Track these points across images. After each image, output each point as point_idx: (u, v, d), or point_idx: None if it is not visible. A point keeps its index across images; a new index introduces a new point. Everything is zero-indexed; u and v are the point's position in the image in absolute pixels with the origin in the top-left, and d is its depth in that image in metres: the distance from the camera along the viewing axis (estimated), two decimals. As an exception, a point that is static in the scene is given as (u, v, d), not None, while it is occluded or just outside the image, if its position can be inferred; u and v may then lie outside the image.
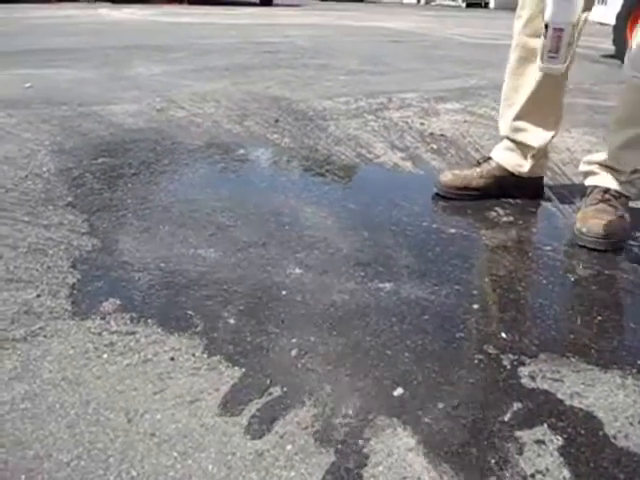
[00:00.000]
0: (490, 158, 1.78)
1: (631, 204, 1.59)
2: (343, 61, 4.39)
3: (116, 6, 10.99)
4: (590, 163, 1.63)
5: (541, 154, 1.73)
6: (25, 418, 0.85)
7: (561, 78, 1.59)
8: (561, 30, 1.32)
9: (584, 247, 1.45)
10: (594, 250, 1.44)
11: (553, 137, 1.71)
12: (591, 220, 1.48)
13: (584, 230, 1.47)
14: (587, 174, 1.64)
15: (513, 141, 1.73)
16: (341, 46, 5.41)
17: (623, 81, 1.58)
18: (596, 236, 1.45)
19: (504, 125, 1.75)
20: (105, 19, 8.08)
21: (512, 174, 1.74)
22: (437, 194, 1.76)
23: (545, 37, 1.33)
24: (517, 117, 1.69)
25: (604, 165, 1.58)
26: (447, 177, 1.76)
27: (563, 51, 1.34)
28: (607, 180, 1.57)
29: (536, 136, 1.68)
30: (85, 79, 3.40)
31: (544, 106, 1.65)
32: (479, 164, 1.79)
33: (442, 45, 5.68)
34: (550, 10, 1.31)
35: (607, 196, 1.55)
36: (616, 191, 1.55)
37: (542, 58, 1.37)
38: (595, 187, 1.59)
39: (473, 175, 1.75)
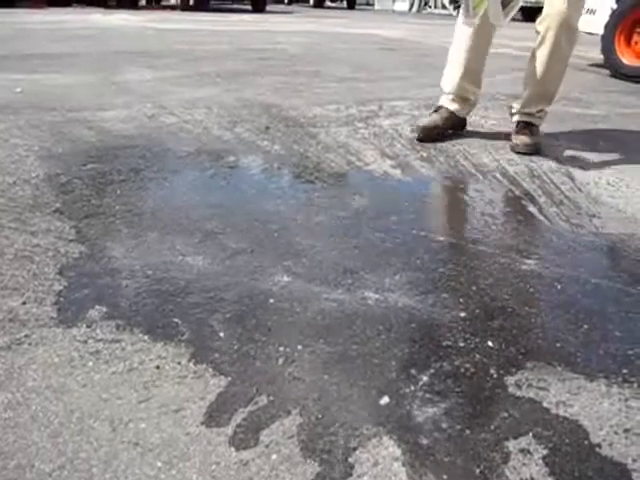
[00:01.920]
0: (442, 107, 2.54)
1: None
2: (334, 68, 4.40)
3: (108, 12, 10.99)
4: (513, 107, 2.47)
5: (474, 102, 2.58)
6: (7, 427, 0.84)
7: (486, 48, 2.45)
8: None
9: (519, 153, 2.30)
10: (524, 154, 2.28)
11: (480, 88, 2.54)
12: (523, 137, 2.34)
13: (518, 143, 2.33)
14: (513, 115, 2.47)
15: (456, 95, 2.50)
16: (332, 53, 5.43)
17: (611, 90, 1.63)
18: (524, 145, 2.31)
19: (447, 84, 2.53)
20: (97, 25, 8.07)
21: (456, 115, 2.53)
22: (419, 139, 2.43)
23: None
24: (460, 78, 2.47)
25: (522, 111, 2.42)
26: (423, 122, 2.50)
27: (471, 9, 2.07)
28: (525, 117, 2.41)
29: (470, 90, 2.51)
30: (76, 85, 3.39)
31: (474, 69, 2.46)
32: (436, 111, 2.55)
33: (433, 53, 5.71)
34: None
35: (527, 125, 2.40)
36: (532, 123, 2.40)
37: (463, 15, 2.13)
38: (519, 122, 2.42)
39: (437, 119, 2.51)
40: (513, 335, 1.12)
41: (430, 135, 2.45)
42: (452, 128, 2.55)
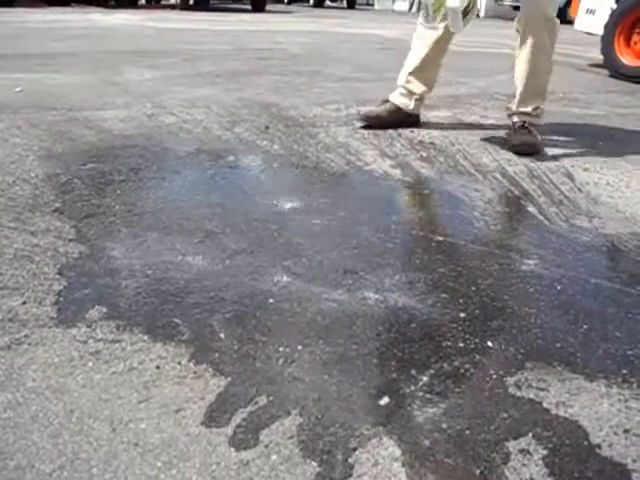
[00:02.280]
0: (388, 100, 2.64)
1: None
2: (334, 68, 4.40)
3: (108, 11, 10.98)
4: (510, 109, 2.50)
5: (421, 99, 2.61)
6: (7, 427, 0.84)
7: (441, 52, 2.54)
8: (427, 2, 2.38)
9: (519, 154, 2.30)
10: (525, 155, 2.29)
11: (430, 89, 2.63)
12: (522, 137, 2.35)
13: (517, 143, 2.34)
14: (511, 116, 2.49)
15: (404, 88, 2.60)
16: (332, 53, 5.43)
17: (610, 90, 1.64)
18: (525, 145, 2.32)
19: (401, 77, 2.62)
20: (97, 24, 8.06)
21: (402, 110, 2.61)
22: (363, 126, 2.58)
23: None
24: (410, 73, 2.58)
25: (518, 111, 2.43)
26: (366, 112, 2.64)
27: (430, 15, 2.38)
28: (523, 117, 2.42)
29: (419, 87, 2.58)
30: (76, 84, 3.39)
31: (427, 69, 2.57)
32: (384, 103, 2.65)
33: (433, 53, 5.70)
34: None
35: (526, 125, 2.40)
36: (530, 122, 2.40)
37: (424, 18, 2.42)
38: (517, 122, 2.42)
39: (381, 110, 2.62)
40: (513, 335, 1.12)
41: (371, 123, 2.60)
42: (400, 122, 2.63)
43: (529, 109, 2.42)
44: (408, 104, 2.61)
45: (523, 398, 0.95)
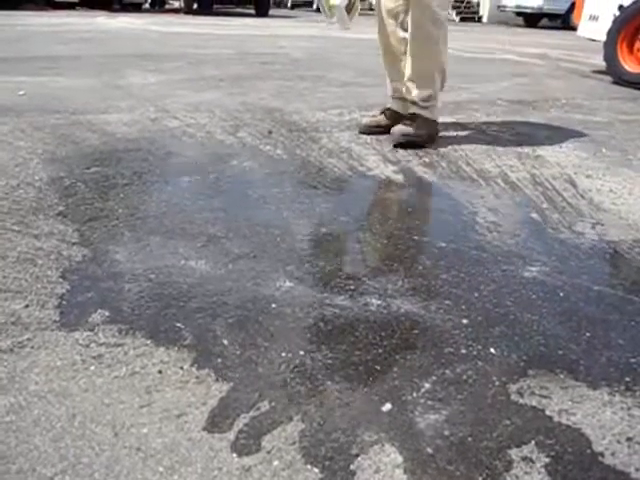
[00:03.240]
0: (389, 108, 2.68)
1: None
2: (337, 73, 4.41)
3: (112, 15, 11.02)
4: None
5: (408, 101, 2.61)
6: (10, 431, 0.84)
7: (391, 50, 2.64)
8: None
9: (395, 146, 2.39)
10: (398, 146, 2.39)
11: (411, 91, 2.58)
12: (399, 126, 2.43)
13: (394, 131, 2.42)
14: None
15: (395, 97, 2.67)
16: (335, 58, 5.44)
17: (613, 96, 1.65)
18: (400, 134, 2.40)
19: (388, 88, 2.72)
20: (101, 28, 8.10)
21: (400, 114, 2.61)
22: (361, 132, 2.62)
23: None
24: (391, 81, 2.68)
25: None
26: (366, 121, 2.68)
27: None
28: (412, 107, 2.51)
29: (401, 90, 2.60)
30: (79, 87, 3.40)
31: (397, 75, 2.61)
32: (382, 112, 2.69)
33: (436, 58, 5.71)
34: None
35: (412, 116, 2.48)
36: (418, 114, 2.47)
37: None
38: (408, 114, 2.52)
39: (381, 119, 2.66)
40: (515, 342, 1.12)
41: (372, 132, 2.65)
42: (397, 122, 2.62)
43: (416, 98, 2.47)
44: (404, 108, 2.62)
45: (525, 405, 0.95)
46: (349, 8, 2.41)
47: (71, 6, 12.26)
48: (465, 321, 1.18)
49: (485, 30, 12.73)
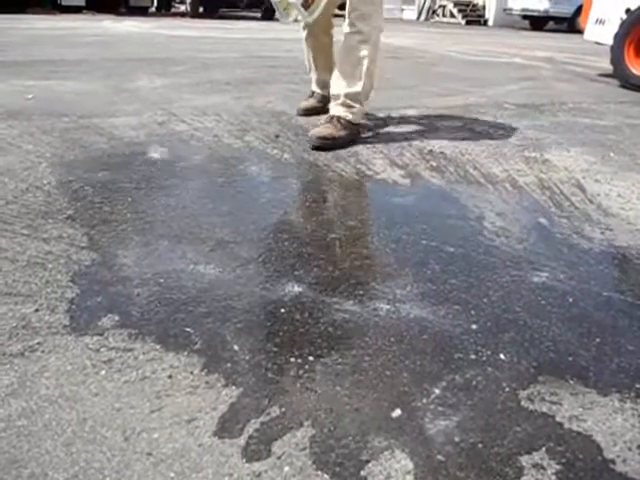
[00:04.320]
0: (315, 92, 3.01)
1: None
2: (343, 77, 4.41)
3: (119, 19, 11.07)
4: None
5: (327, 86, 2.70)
6: (21, 436, 0.85)
7: (321, 46, 2.93)
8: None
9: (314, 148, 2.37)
10: (316, 149, 2.36)
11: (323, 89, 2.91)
12: (318, 128, 2.42)
13: (312, 134, 2.40)
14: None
15: (318, 83, 2.98)
16: (342, 62, 5.44)
17: (621, 100, 1.65)
18: (316, 137, 2.38)
19: (312, 77, 3.03)
20: (108, 31, 8.14)
21: (327, 97, 2.71)
22: (298, 114, 2.94)
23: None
24: (317, 74, 2.96)
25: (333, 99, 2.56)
26: (302, 105, 3.00)
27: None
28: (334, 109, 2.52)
29: (326, 79, 2.74)
30: (87, 91, 3.41)
31: (322, 65, 2.93)
32: (312, 95, 3.04)
33: (442, 62, 5.72)
34: None
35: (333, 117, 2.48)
36: (340, 116, 2.46)
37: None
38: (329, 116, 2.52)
39: (312, 101, 3.01)
40: (525, 348, 1.12)
41: (309, 113, 2.93)
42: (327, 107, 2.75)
43: (339, 99, 2.48)
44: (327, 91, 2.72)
45: (536, 412, 0.95)
46: (306, 5, 2.38)
47: (78, 10, 12.32)
48: (474, 326, 1.18)
49: (491, 33, 12.72)
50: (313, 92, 3.07)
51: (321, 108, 2.95)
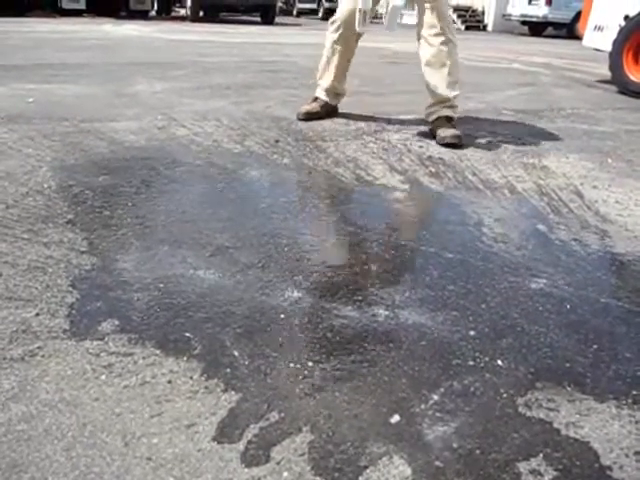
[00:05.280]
0: (318, 98, 3.06)
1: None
2: (343, 82, 4.42)
3: (119, 22, 11.10)
4: (430, 109, 2.81)
5: (341, 95, 3.10)
6: (21, 440, 0.85)
7: (348, 56, 2.96)
8: (365, 12, 2.53)
9: (447, 145, 2.59)
10: (454, 146, 2.59)
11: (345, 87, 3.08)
12: (448, 130, 2.64)
13: (446, 135, 2.62)
14: (431, 114, 2.80)
15: (329, 90, 3.03)
16: (341, 66, 5.45)
17: (619, 106, 1.67)
18: (452, 138, 2.61)
19: (324, 82, 3.02)
20: (108, 35, 8.16)
21: (329, 104, 3.06)
22: (299, 119, 2.98)
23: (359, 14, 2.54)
24: (332, 80, 2.98)
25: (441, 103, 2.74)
26: (303, 109, 3.02)
27: (367, 21, 2.60)
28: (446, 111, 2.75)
29: (339, 88, 3.05)
30: (87, 95, 3.42)
31: (342, 74, 3.01)
32: (315, 100, 3.07)
33: (441, 67, 5.72)
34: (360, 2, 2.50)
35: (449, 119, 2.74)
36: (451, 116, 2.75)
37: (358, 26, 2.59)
38: (439, 117, 2.73)
39: (315, 106, 3.04)
40: (522, 354, 1.12)
41: (310, 118, 2.99)
42: (327, 114, 3.06)
43: (448, 102, 2.75)
44: (333, 100, 3.08)
45: (533, 418, 0.95)
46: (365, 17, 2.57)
47: (78, 13, 12.35)
48: (472, 333, 1.19)
49: (490, 39, 12.76)
50: (316, 98, 3.08)
51: (323, 114, 3.02)
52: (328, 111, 3.07)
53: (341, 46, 2.91)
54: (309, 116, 2.99)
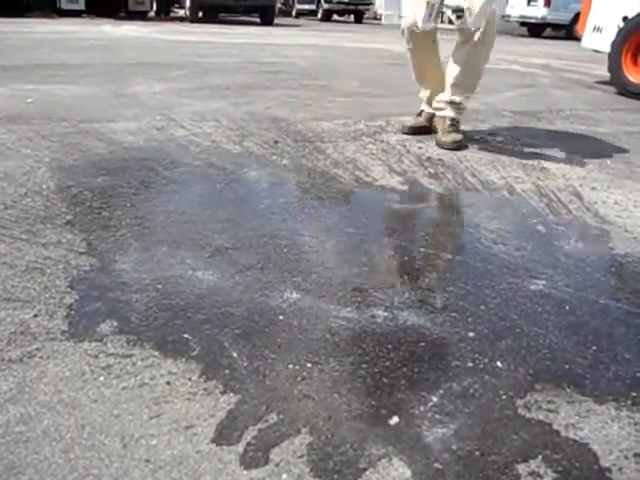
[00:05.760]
0: (423, 111, 2.92)
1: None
2: (342, 82, 4.43)
3: (118, 23, 11.09)
4: (439, 102, 2.72)
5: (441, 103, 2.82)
6: (19, 442, 0.85)
7: (434, 61, 2.83)
8: (434, 4, 2.35)
9: (448, 149, 2.56)
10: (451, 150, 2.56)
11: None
12: (450, 135, 2.61)
13: (447, 140, 2.60)
14: (438, 109, 2.74)
15: (428, 102, 2.88)
16: (340, 67, 5.46)
17: (618, 107, 1.67)
18: (453, 143, 2.58)
19: (422, 95, 2.92)
20: (107, 36, 8.15)
21: (434, 115, 2.86)
22: (403, 132, 2.87)
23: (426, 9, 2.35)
24: (431, 93, 2.84)
25: (448, 102, 2.67)
26: (408, 123, 2.91)
27: (433, 15, 2.39)
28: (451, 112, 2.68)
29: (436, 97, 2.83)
30: (86, 95, 3.42)
31: (437, 83, 2.78)
32: (420, 114, 2.94)
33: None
34: None
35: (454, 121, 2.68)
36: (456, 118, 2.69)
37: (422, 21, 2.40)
38: (444, 117, 2.68)
39: (420, 120, 2.91)
40: (522, 356, 1.12)
41: (415, 132, 2.87)
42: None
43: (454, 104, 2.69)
44: (437, 108, 2.81)
45: (533, 420, 0.95)
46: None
47: (77, 14, 12.33)
48: (471, 334, 1.18)
49: (489, 40, 12.75)
50: (421, 111, 2.94)
51: (428, 127, 2.88)
52: (432, 122, 2.91)
53: (417, 53, 2.77)
54: (413, 130, 2.87)
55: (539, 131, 3.11)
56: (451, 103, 2.67)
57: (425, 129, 2.87)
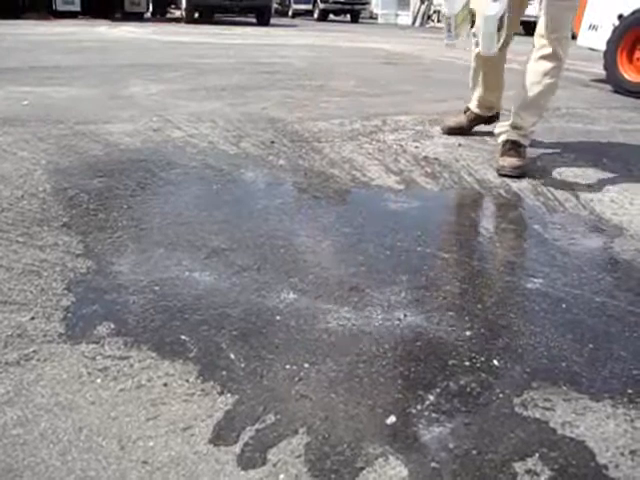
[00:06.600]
0: (469, 109, 2.87)
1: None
2: (339, 82, 4.43)
3: (114, 24, 11.08)
4: (502, 127, 2.51)
5: (496, 107, 2.86)
6: (17, 444, 0.85)
7: (498, 69, 2.78)
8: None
9: (504, 175, 2.22)
10: (510, 177, 2.20)
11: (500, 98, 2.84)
12: (508, 159, 2.27)
13: (504, 164, 2.25)
14: (500, 134, 2.47)
15: (479, 102, 2.83)
16: (337, 67, 5.46)
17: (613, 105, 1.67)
18: (511, 169, 2.23)
19: (474, 94, 2.83)
20: (104, 37, 8.14)
21: (481, 116, 2.86)
22: (443, 132, 2.86)
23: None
24: (483, 92, 2.77)
25: (512, 126, 2.42)
26: (450, 122, 2.90)
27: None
28: (513, 134, 2.39)
29: (490, 100, 2.81)
30: (82, 97, 3.42)
31: (494, 86, 2.79)
32: (465, 113, 2.89)
33: (436, 67, 5.74)
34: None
35: (515, 145, 2.36)
36: (518, 142, 2.37)
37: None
38: (507, 140, 2.38)
39: (463, 120, 2.88)
40: (518, 354, 1.13)
41: (454, 133, 2.86)
42: (479, 124, 2.90)
43: (520, 129, 2.41)
44: (485, 112, 2.85)
45: (529, 418, 0.96)
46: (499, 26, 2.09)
47: (73, 15, 12.32)
48: (468, 333, 1.19)
49: (485, 38, 12.76)
50: (468, 109, 2.89)
51: (468, 129, 2.87)
52: (477, 124, 2.88)
53: (480, 67, 2.74)
54: (453, 131, 2.87)
55: (535, 129, 3.11)
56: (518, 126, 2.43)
57: (463, 130, 2.86)
